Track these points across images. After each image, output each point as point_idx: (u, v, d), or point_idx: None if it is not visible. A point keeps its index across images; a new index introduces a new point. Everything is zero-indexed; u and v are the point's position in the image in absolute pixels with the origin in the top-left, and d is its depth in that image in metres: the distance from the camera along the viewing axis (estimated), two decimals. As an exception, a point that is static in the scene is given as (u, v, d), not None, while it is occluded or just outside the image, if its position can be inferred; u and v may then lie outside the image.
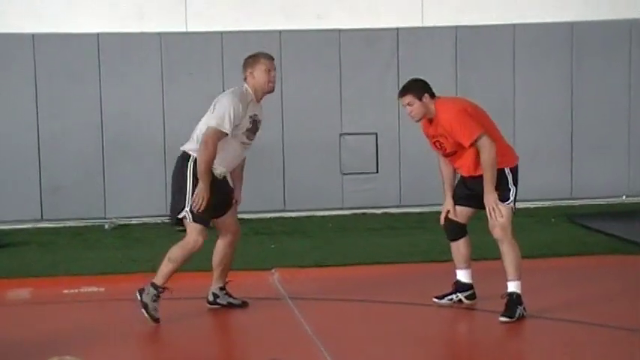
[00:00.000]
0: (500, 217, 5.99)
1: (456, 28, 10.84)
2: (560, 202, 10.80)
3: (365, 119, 10.84)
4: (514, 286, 6.05)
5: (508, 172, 6.10)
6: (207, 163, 5.95)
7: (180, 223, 6.17)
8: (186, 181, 6.03)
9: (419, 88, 6.21)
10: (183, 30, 10.67)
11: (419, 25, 10.93)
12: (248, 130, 6.12)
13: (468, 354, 5.75)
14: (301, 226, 9.99)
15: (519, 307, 6.02)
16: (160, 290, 6.12)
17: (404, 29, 10.86)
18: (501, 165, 6.04)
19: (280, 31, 10.72)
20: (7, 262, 8.34)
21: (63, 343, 5.74)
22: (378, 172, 10.96)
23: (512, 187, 6.09)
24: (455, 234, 6.42)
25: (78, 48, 10.47)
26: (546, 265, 7.53)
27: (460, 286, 6.45)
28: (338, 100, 10.83)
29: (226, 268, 6.45)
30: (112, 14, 10.57)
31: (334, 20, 10.82)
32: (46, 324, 6.30)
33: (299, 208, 10.63)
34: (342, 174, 10.83)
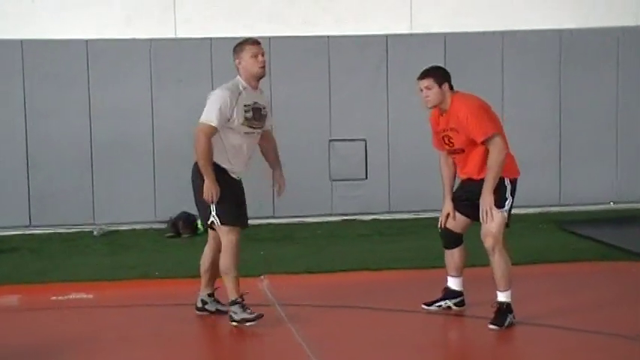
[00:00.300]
0: (492, 221, 5.96)
1: (445, 35, 10.88)
2: (549, 209, 10.83)
3: (354, 126, 10.86)
4: (504, 296, 6.06)
5: (507, 182, 6.05)
6: (203, 158, 5.94)
7: (213, 228, 6.17)
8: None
9: (441, 75, 6.15)
10: (172, 36, 10.67)
11: (408, 32, 10.96)
12: (248, 120, 6.06)
13: (457, 360, 5.77)
14: (290, 233, 9.99)
15: (509, 315, 6.03)
16: (241, 300, 6.13)
17: (393, 36, 10.89)
18: (503, 174, 6.00)
19: (269, 38, 10.69)
20: (-5, 269, 8.31)
21: (50, 350, 5.73)
22: (367, 178, 10.97)
23: (508, 197, 6.04)
24: (451, 243, 6.39)
25: (67, 54, 10.45)
26: (535, 272, 7.54)
27: (449, 293, 6.45)
28: (327, 107, 10.84)
29: (215, 274, 6.42)
30: (101, 20, 10.55)
31: (323, 27, 10.83)
32: (34, 331, 6.27)
33: (288, 214, 10.62)
34: (332, 180, 10.84)
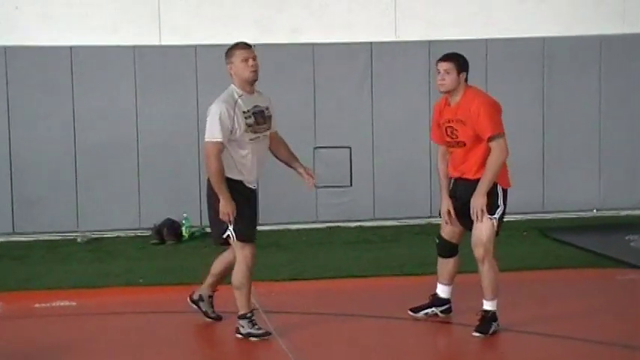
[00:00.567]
0: (482, 223, 5.94)
1: (429, 42, 10.90)
2: (532, 216, 10.87)
3: (339, 133, 10.87)
4: (490, 305, 6.08)
5: (500, 189, 6.03)
6: (216, 177, 5.87)
7: (227, 242, 6.08)
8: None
9: (462, 63, 6.12)
10: (157, 43, 10.66)
11: (392, 40, 10.99)
12: (251, 126, 5.97)
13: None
14: (275, 240, 9.98)
15: (494, 323, 6.04)
16: (250, 315, 6.07)
17: (377, 44, 10.92)
18: (497, 180, 5.98)
19: (255, 45, 10.60)
20: (-22, 276, 8.26)
21: (34, 358, 5.70)
22: (351, 185, 10.98)
23: (500, 205, 6.01)
24: (447, 252, 6.37)
25: (51, 61, 10.41)
26: (519, 279, 7.55)
27: (437, 301, 6.45)
28: (312, 114, 10.85)
29: (221, 280, 6.40)
30: (86, 27, 10.52)
31: (308, 34, 10.85)
32: (18, 339, 6.24)
33: (273, 221, 10.61)
34: (316, 187, 10.83)
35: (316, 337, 6.16)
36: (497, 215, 6.01)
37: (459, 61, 6.10)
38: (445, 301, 6.44)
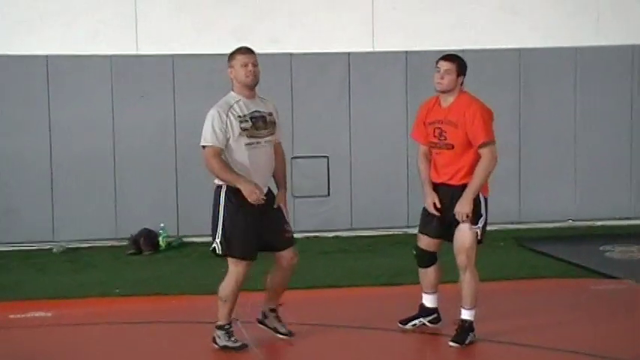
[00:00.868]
0: (465, 226, 5.97)
1: (406, 53, 10.97)
2: (509, 226, 10.93)
3: (316, 142, 10.89)
4: (468, 314, 6.09)
5: (482, 198, 6.06)
6: (222, 172, 5.78)
7: (226, 255, 5.98)
8: (219, 211, 5.89)
9: (462, 66, 6.11)
10: (134, 52, 10.63)
11: (370, 50, 11.04)
12: (247, 130, 5.88)
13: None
14: (253, 250, 9.93)
15: (470, 333, 6.07)
16: (227, 326, 6.05)
17: (355, 54, 10.96)
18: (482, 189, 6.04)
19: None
20: (-48, 287, 8.19)
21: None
22: (329, 195, 11.00)
23: (483, 214, 6.04)
24: (426, 262, 6.36)
25: (27, 70, 10.36)
26: (495, 289, 7.57)
27: (424, 311, 6.43)
28: (290, 124, 10.84)
29: (278, 292, 6.28)
30: (62, 36, 10.48)
31: (286, 44, 10.87)
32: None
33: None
34: (294, 197, 10.83)
35: (293, 347, 6.15)
36: (480, 224, 6.04)
37: (460, 64, 6.10)
38: (432, 311, 6.42)
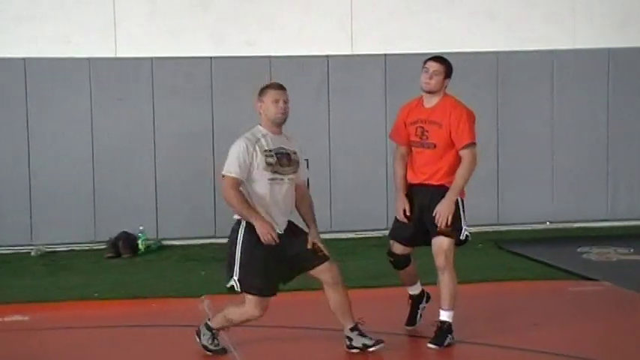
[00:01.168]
0: (445, 225, 6.01)
1: (385, 56, 11.01)
2: (487, 228, 10.98)
3: (296, 145, 10.88)
4: (447, 316, 6.12)
5: (460, 200, 6.10)
6: (239, 206, 5.72)
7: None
8: (236, 247, 5.80)
9: (450, 69, 6.22)
10: (112, 55, 10.60)
11: (348, 53, 11.06)
12: (271, 165, 5.81)
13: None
14: (232, 253, 9.92)
15: (449, 335, 6.09)
16: (215, 332, 6.01)
17: (334, 57, 10.98)
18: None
19: (211, 58, 10.73)
20: None
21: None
22: (308, 198, 10.99)
23: (462, 215, 6.10)
24: (402, 265, 6.42)
25: (4, 73, 10.30)
26: (473, 291, 7.60)
27: (417, 299, 6.51)
28: (269, 127, 10.84)
29: (346, 309, 6.00)
30: (40, 39, 10.43)
31: (265, 47, 10.87)
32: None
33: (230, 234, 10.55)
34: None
35: (272, 350, 6.15)
36: (464, 226, 6.12)
37: (447, 67, 6.22)
38: (422, 294, 6.51)
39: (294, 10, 11.04)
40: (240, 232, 5.81)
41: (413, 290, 6.52)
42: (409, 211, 6.17)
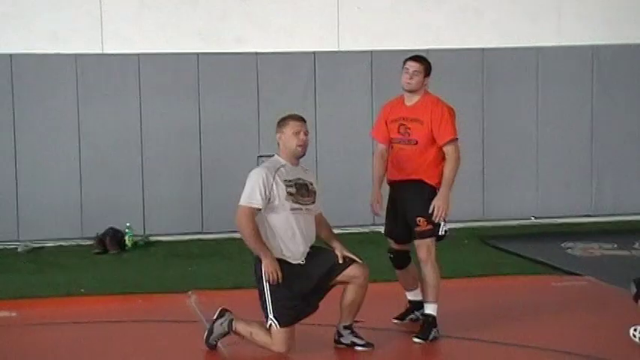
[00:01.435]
0: (441, 219, 6.12)
1: (371, 52, 11.05)
2: (472, 224, 11.04)
3: (282, 142, 10.91)
4: (431, 309, 6.18)
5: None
6: (252, 239, 5.72)
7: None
8: (264, 286, 5.77)
9: (429, 68, 6.34)
10: (99, 52, 10.59)
11: (335, 50, 11.10)
12: (292, 195, 5.83)
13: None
14: (219, 249, 9.97)
15: (434, 329, 6.14)
16: (227, 332, 5.96)
17: (321, 53, 11.02)
18: (439, 184, 6.20)
19: (198, 54, 10.75)
20: None
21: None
22: (295, 194, 11.02)
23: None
24: (401, 262, 6.50)
25: (-10, 69, 10.30)
26: (459, 286, 7.66)
27: (414, 305, 6.54)
28: (255, 123, 10.88)
29: (354, 309, 5.98)
30: (27, 35, 10.41)
31: (252, 43, 10.89)
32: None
33: (217, 230, 10.61)
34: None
35: (257, 348, 6.18)
36: (442, 222, 6.19)
37: (427, 66, 6.34)
38: (421, 303, 6.51)
39: (281, 7, 11.06)
40: (264, 270, 5.75)
41: (412, 296, 6.55)
42: (379, 201, 6.40)
